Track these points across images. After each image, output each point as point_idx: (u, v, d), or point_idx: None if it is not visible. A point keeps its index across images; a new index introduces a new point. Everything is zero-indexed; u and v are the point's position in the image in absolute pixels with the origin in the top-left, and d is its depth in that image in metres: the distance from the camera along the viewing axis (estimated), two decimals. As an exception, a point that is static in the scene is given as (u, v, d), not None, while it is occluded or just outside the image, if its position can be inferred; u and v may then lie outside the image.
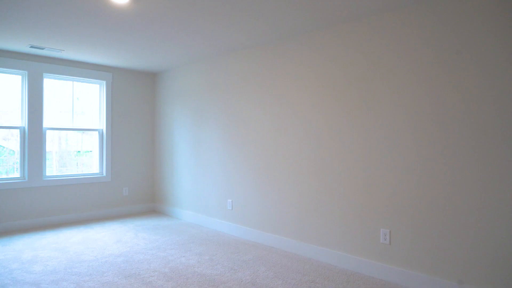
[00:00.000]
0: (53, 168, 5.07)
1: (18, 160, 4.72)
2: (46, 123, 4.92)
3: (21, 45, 4.27)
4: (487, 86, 2.51)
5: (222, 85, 4.68)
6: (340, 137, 3.39)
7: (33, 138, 4.74)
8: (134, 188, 5.80)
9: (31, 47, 4.32)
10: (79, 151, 5.38)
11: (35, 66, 4.75)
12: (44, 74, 4.85)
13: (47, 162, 4.96)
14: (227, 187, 4.58)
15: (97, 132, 5.45)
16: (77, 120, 5.26)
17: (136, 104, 5.83)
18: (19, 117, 4.72)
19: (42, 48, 4.38)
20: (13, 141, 4.72)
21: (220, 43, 4.08)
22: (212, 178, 4.82)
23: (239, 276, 3.12)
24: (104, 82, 5.45)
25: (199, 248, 3.90)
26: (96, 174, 5.42)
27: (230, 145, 4.54)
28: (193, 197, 5.14)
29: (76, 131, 5.27)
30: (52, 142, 5.05)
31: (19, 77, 4.72)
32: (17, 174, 4.72)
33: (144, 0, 2.84)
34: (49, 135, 4.99)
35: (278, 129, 3.96)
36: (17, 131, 4.71)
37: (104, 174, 5.45)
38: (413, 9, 2.87)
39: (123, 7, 2.99)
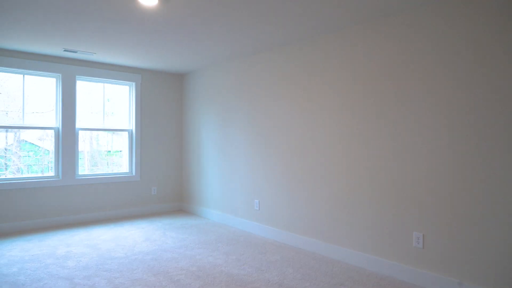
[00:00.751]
0: (85, 168, 5.23)
1: (53, 160, 4.90)
2: (78, 124, 5.08)
3: (55, 49, 4.44)
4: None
5: (249, 85, 4.67)
6: (372, 137, 3.30)
7: (67, 138, 4.91)
8: (162, 187, 5.89)
9: (65, 50, 4.47)
10: (109, 151, 5.53)
11: (68, 69, 4.92)
12: (77, 76, 5.01)
13: (79, 162, 5.13)
14: (254, 187, 4.57)
15: (126, 132, 5.58)
16: (108, 121, 5.41)
17: (165, 105, 5.93)
18: (53, 118, 4.91)
19: (75, 52, 4.53)
20: (48, 141, 4.91)
21: (247, 44, 4.08)
22: (239, 178, 4.83)
23: (266, 276, 3.09)
24: (134, 84, 5.58)
25: (226, 248, 3.90)
26: (126, 173, 5.55)
27: (257, 145, 4.53)
28: (220, 197, 5.17)
29: (106, 132, 5.42)
30: (84, 142, 5.22)
31: (54, 79, 4.90)
32: (51, 173, 4.90)
33: (172, 1, 2.87)
34: (81, 135, 5.15)
35: (306, 130, 3.91)
36: (52, 132, 4.89)
37: (134, 173, 5.57)
38: (453, 4, 2.76)
39: (152, 9, 3.04)
